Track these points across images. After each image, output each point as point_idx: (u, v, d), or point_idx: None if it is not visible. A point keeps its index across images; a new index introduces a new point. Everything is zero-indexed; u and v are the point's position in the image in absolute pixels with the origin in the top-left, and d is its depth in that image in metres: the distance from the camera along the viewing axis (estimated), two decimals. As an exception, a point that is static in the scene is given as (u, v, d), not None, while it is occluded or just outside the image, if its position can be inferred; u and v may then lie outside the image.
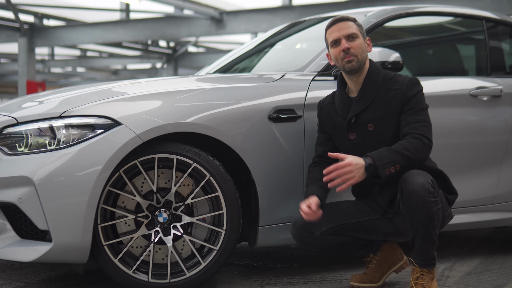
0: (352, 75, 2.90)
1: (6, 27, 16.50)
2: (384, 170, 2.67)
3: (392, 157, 2.70)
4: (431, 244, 2.72)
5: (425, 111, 2.85)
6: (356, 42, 2.87)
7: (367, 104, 2.86)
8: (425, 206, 2.64)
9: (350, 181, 2.66)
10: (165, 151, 2.83)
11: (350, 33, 2.87)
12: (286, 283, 3.13)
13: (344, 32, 2.87)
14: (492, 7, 11.23)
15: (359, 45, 2.87)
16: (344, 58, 2.86)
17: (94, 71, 28.83)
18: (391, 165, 2.68)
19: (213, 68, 4.17)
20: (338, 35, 2.88)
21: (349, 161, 2.66)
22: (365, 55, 2.89)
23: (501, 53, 3.93)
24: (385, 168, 2.67)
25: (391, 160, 2.69)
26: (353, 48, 2.85)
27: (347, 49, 2.84)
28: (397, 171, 2.71)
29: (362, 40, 2.89)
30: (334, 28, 2.90)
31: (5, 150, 2.78)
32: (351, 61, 2.85)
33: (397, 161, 2.70)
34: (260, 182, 2.99)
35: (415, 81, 2.88)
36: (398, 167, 2.70)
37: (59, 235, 2.66)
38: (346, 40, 2.86)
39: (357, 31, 2.89)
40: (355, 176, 2.66)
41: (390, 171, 2.68)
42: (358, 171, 2.66)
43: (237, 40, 21.02)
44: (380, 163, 2.67)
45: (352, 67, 2.86)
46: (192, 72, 22.88)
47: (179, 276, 2.87)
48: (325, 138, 3.00)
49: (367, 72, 2.90)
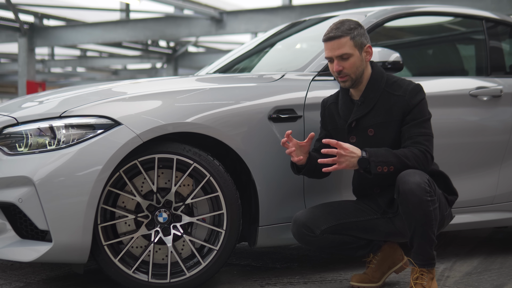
0: (351, 88, 2.91)
1: (6, 27, 16.50)
2: (376, 167, 2.70)
3: (388, 157, 2.72)
4: (430, 244, 2.72)
5: (428, 122, 2.84)
6: (349, 61, 2.83)
7: (369, 109, 2.86)
8: (422, 205, 2.64)
9: (338, 166, 2.69)
10: (165, 151, 2.83)
11: (342, 53, 2.82)
12: (286, 283, 3.13)
13: (336, 52, 2.83)
14: (492, 7, 11.23)
15: (352, 64, 2.84)
16: (338, 77, 2.87)
17: (94, 71, 28.82)
18: (385, 165, 2.71)
19: (213, 68, 4.17)
20: (330, 55, 2.86)
21: (346, 147, 2.69)
22: (360, 70, 2.86)
23: (501, 53, 3.93)
24: (378, 166, 2.70)
25: (386, 160, 2.71)
26: (345, 69, 2.84)
27: (339, 71, 2.84)
28: (390, 172, 2.72)
29: (356, 56, 2.84)
30: (328, 46, 2.87)
31: (5, 150, 2.78)
32: (345, 82, 2.86)
33: (392, 163, 2.71)
34: (260, 182, 2.99)
35: (418, 89, 2.86)
36: (392, 168, 2.72)
37: (59, 235, 2.66)
38: (338, 60, 2.84)
39: (350, 49, 2.83)
40: (344, 163, 2.69)
41: (382, 170, 2.70)
42: (350, 159, 2.69)
43: (237, 40, 21.02)
44: (375, 159, 2.70)
45: (346, 86, 2.89)
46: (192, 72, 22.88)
47: (179, 276, 2.87)
48: (325, 135, 3.00)
49: (370, 77, 2.89)
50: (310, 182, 3.10)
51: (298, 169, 2.92)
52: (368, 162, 2.70)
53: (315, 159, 2.86)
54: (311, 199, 3.12)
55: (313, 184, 3.11)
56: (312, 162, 2.88)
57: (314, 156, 2.88)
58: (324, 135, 3.01)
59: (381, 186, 2.90)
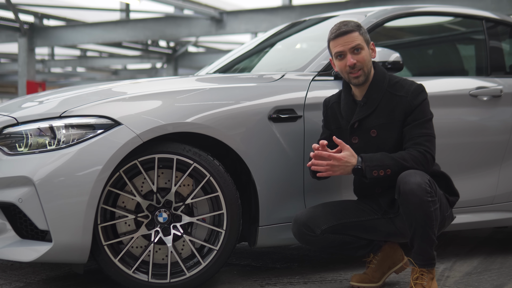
0: (358, 87, 2.90)
1: (6, 27, 16.50)
2: (371, 171, 2.71)
3: (384, 161, 2.72)
4: (430, 244, 2.72)
5: (430, 122, 2.84)
6: (362, 54, 2.84)
7: (371, 110, 2.86)
8: (422, 206, 2.64)
9: (331, 173, 2.74)
10: (165, 151, 2.83)
11: (356, 45, 2.83)
12: (286, 283, 3.13)
13: (349, 45, 2.83)
14: (492, 7, 11.23)
15: (364, 57, 2.84)
16: (350, 73, 2.85)
17: (94, 71, 28.82)
18: (381, 168, 2.71)
19: (213, 68, 4.17)
20: (343, 49, 2.85)
21: (341, 157, 2.70)
22: (370, 65, 2.87)
23: (501, 53, 3.93)
24: (373, 170, 2.71)
25: (382, 163, 2.72)
26: (359, 62, 2.83)
27: (353, 64, 2.83)
28: (387, 176, 2.72)
29: (367, 50, 2.87)
30: (339, 41, 2.85)
31: (5, 150, 2.78)
32: (358, 77, 2.85)
33: (388, 166, 2.72)
34: (260, 182, 2.99)
35: (420, 89, 2.86)
36: (389, 171, 2.72)
37: (59, 235, 2.66)
38: (351, 54, 2.84)
39: (361, 42, 2.85)
40: (337, 171, 2.73)
41: (378, 174, 2.71)
42: (344, 168, 2.72)
43: (237, 40, 21.01)
44: (369, 163, 2.71)
45: (359, 82, 2.86)
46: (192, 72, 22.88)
47: (179, 276, 2.87)
48: (329, 134, 2.99)
49: (373, 78, 2.89)
50: (310, 182, 3.10)
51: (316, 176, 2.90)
52: (363, 170, 2.70)
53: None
54: (311, 199, 3.11)
55: (313, 184, 3.11)
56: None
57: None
58: (327, 134, 3.00)
59: (382, 186, 2.90)
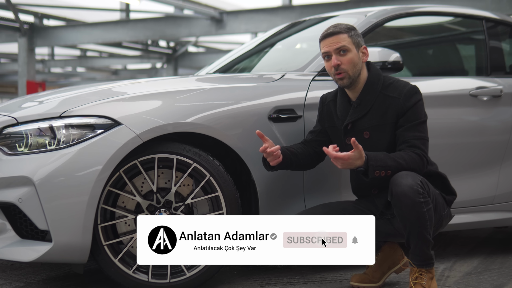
0: (347, 89, 2.90)
1: (6, 27, 16.49)
2: (374, 171, 2.68)
3: (386, 161, 2.71)
4: (426, 244, 2.71)
5: (423, 125, 2.82)
6: (347, 56, 2.83)
7: (365, 112, 2.86)
8: (415, 207, 2.63)
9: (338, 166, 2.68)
10: (165, 151, 2.83)
11: (340, 46, 2.83)
12: (286, 283, 3.13)
13: (334, 46, 2.84)
14: (492, 7, 11.22)
15: (350, 59, 2.83)
16: (335, 74, 2.86)
17: (94, 71, 28.82)
18: (383, 169, 2.70)
19: (213, 68, 4.17)
20: (328, 49, 2.86)
21: (347, 157, 2.64)
22: (357, 69, 2.85)
23: (501, 53, 3.93)
24: (375, 170, 2.68)
25: (385, 164, 2.70)
26: (343, 64, 2.83)
27: (337, 65, 2.83)
28: (387, 176, 2.72)
29: (354, 52, 2.85)
30: (326, 42, 2.87)
31: (5, 150, 2.78)
32: (342, 79, 2.85)
33: (390, 167, 2.71)
34: (260, 182, 2.99)
35: (414, 91, 2.83)
36: (390, 173, 2.71)
37: (59, 235, 2.66)
38: (336, 55, 2.84)
39: (349, 44, 2.84)
40: (345, 166, 2.67)
41: (379, 174, 2.70)
42: (346, 166, 2.67)
43: (237, 40, 21.01)
44: (374, 163, 2.68)
45: (343, 84, 2.87)
46: (192, 72, 22.87)
47: (179, 276, 2.87)
48: (320, 131, 3.00)
49: (367, 79, 2.88)
50: (310, 182, 3.10)
51: (270, 167, 2.89)
52: (367, 166, 2.69)
53: (289, 156, 2.86)
54: (311, 199, 3.12)
55: (313, 184, 3.11)
56: (287, 161, 2.86)
57: (287, 154, 2.86)
58: (319, 130, 3.01)
59: (378, 187, 2.90)
